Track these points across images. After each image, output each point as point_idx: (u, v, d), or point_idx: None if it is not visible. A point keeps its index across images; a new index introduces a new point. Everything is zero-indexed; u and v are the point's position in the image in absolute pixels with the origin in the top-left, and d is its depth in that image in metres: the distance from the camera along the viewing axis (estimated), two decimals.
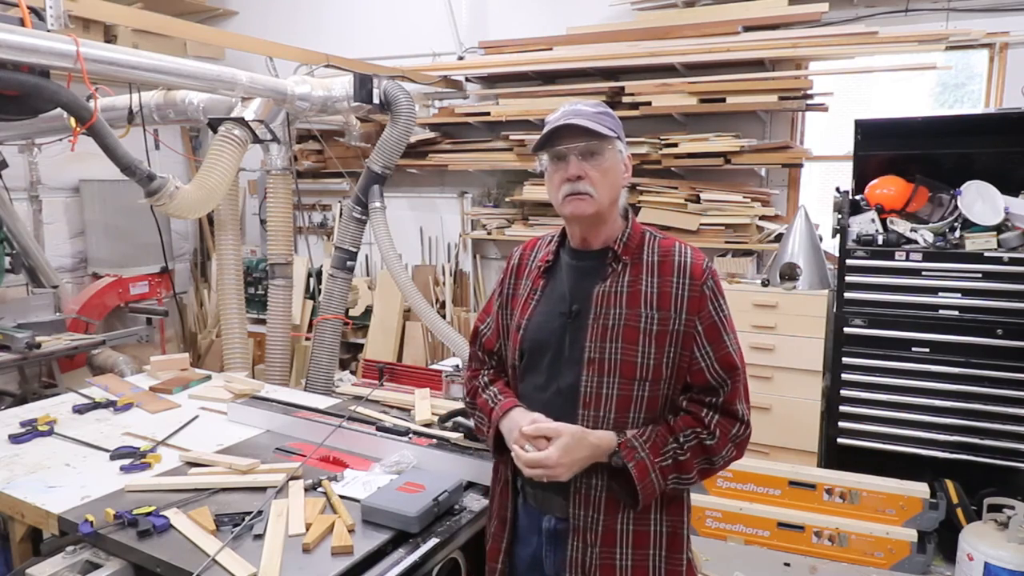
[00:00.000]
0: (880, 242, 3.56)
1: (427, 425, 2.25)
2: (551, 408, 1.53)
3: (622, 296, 1.51)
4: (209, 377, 2.93)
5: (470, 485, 1.90)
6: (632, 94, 4.37)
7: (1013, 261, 3.30)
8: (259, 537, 1.61)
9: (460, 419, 2.21)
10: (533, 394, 1.59)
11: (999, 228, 3.42)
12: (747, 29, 4.17)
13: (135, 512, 1.67)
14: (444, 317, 5.14)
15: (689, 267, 1.51)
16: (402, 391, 2.73)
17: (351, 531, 1.64)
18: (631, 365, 1.48)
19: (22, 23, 2.27)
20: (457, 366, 3.13)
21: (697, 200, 4.30)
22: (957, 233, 3.48)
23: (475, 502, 1.83)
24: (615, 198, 1.55)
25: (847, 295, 3.61)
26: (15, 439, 2.23)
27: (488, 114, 4.80)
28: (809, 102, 4.07)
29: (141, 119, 3.39)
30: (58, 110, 2.47)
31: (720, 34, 4.20)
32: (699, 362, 1.49)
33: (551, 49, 4.67)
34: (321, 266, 5.25)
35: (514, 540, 1.64)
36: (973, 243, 3.39)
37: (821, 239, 4.05)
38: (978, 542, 2.95)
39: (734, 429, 1.52)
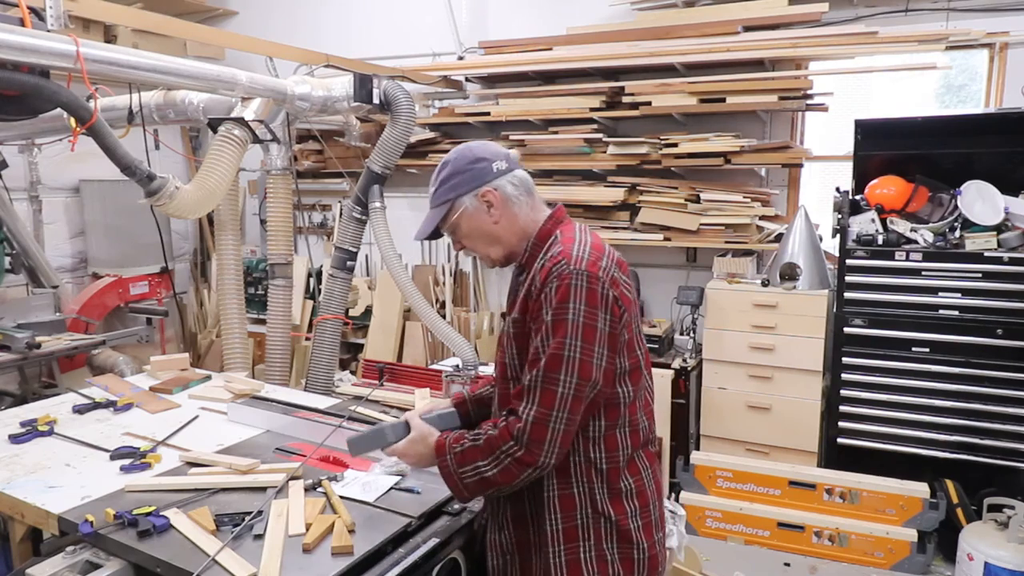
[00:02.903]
0: (880, 242, 3.56)
1: None
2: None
3: (513, 303, 1.63)
4: (209, 377, 2.92)
5: None
6: (632, 94, 4.37)
7: (1013, 261, 3.30)
8: (259, 537, 1.61)
9: None
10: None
11: (999, 228, 3.42)
12: (747, 29, 4.17)
13: (135, 512, 1.66)
14: (444, 317, 5.14)
15: (541, 270, 1.52)
16: (402, 391, 2.74)
17: (351, 531, 1.63)
18: (503, 366, 1.62)
19: (22, 23, 2.27)
20: (457, 366, 3.14)
21: (697, 200, 4.29)
22: (957, 233, 3.48)
23: (475, 502, 1.82)
24: (495, 239, 1.64)
25: (847, 295, 3.61)
26: (15, 439, 2.22)
27: (488, 114, 4.80)
28: (809, 102, 4.06)
29: (141, 119, 3.39)
30: (58, 110, 2.47)
31: (720, 34, 4.20)
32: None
33: (551, 49, 4.67)
34: (321, 266, 5.25)
35: None
36: (973, 243, 3.39)
37: (821, 239, 4.05)
38: (978, 542, 2.95)
39: (516, 427, 1.47)
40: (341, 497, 1.79)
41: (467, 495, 1.58)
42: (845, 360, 3.65)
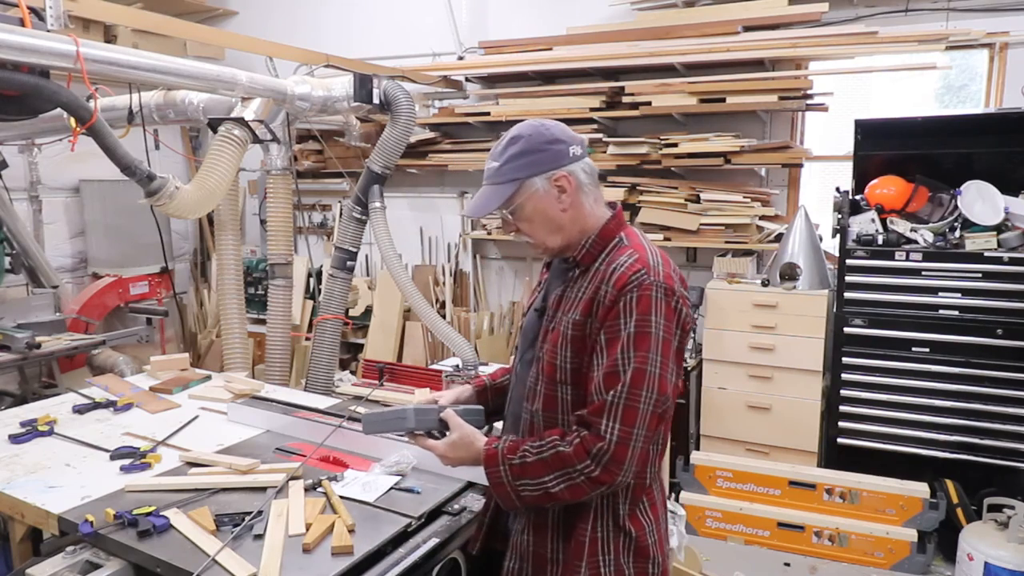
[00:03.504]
0: (880, 242, 3.56)
1: None
2: (520, 394, 1.64)
3: (566, 301, 1.54)
4: (209, 377, 2.92)
5: (470, 485, 1.90)
6: (632, 94, 4.37)
7: (1013, 261, 3.30)
8: (259, 537, 1.61)
9: None
10: (517, 375, 1.70)
11: (999, 228, 3.42)
12: (747, 29, 4.17)
13: (135, 512, 1.67)
14: (444, 317, 5.14)
15: (617, 275, 1.45)
16: (402, 391, 2.74)
17: (351, 531, 1.63)
18: (552, 367, 1.53)
19: (22, 23, 2.27)
20: (457, 366, 3.14)
21: (697, 200, 4.29)
22: (957, 233, 3.48)
23: (475, 502, 1.82)
24: (559, 227, 1.54)
25: (847, 295, 3.61)
26: (15, 439, 2.22)
27: (488, 114, 4.80)
28: (809, 102, 4.06)
29: (141, 119, 3.39)
30: (58, 110, 2.47)
31: (720, 34, 4.20)
32: (592, 371, 1.46)
33: (551, 49, 4.67)
34: (321, 266, 5.26)
35: None
36: (973, 243, 3.39)
37: (821, 239, 4.05)
38: (978, 542, 2.95)
39: (596, 445, 1.41)
40: (341, 497, 1.79)
41: (520, 506, 1.51)
42: (845, 360, 3.65)
